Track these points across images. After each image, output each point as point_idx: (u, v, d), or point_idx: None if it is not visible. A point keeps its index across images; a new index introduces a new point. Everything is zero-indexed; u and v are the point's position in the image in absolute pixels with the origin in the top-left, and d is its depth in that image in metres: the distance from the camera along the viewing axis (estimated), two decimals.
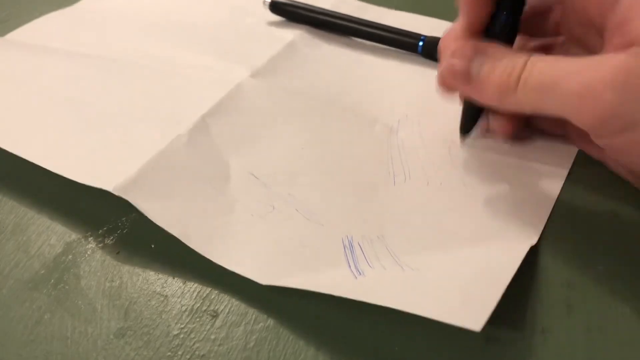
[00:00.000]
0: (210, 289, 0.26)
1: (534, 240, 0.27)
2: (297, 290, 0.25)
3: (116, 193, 0.28)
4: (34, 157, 0.31)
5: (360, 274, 0.25)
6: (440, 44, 0.29)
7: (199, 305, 0.26)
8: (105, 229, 0.29)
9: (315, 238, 0.27)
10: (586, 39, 0.28)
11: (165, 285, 0.26)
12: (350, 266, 0.26)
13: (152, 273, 0.27)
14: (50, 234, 0.29)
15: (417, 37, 0.39)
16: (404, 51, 0.39)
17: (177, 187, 0.29)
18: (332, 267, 0.26)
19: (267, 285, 0.25)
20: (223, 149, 0.32)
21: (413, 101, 0.36)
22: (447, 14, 0.43)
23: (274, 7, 0.42)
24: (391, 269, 0.26)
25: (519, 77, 0.25)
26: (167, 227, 0.27)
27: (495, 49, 0.27)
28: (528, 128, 0.32)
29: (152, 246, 0.28)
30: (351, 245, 0.27)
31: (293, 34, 0.41)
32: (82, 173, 0.29)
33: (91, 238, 0.28)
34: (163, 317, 0.25)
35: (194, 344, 0.24)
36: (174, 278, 0.27)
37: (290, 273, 0.26)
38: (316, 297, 0.24)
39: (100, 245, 0.28)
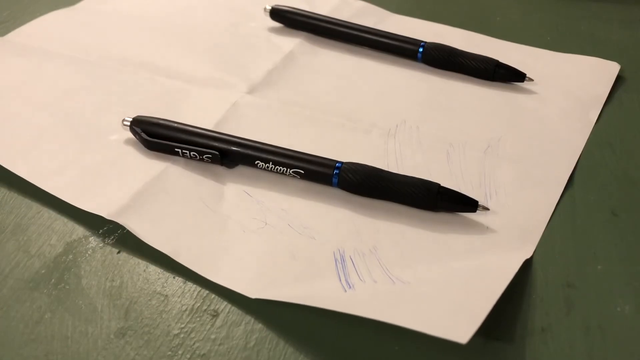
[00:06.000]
0: (210, 289, 0.26)
1: (528, 254, 0.27)
2: None
3: (110, 218, 0.28)
4: (30, 175, 0.31)
5: (350, 287, 0.25)
6: None
7: (199, 304, 0.26)
8: (105, 228, 0.29)
9: (306, 252, 0.27)
10: None
11: (165, 284, 0.26)
12: (340, 279, 0.26)
13: (152, 273, 0.27)
14: (51, 234, 0.29)
15: (417, 43, 0.39)
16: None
17: (171, 207, 0.29)
18: (322, 280, 0.26)
19: (256, 298, 0.25)
20: (218, 169, 0.32)
21: (412, 107, 0.36)
22: (448, 16, 0.43)
23: (275, 14, 0.43)
24: (382, 282, 0.26)
25: None
26: (159, 247, 0.27)
27: None
28: None
29: None
30: (342, 259, 0.27)
31: (293, 43, 0.41)
32: (78, 196, 0.30)
33: (92, 238, 0.28)
34: (163, 316, 0.25)
35: (194, 343, 0.24)
36: (174, 278, 0.27)
37: (280, 286, 0.26)
38: None
39: (100, 245, 0.28)
